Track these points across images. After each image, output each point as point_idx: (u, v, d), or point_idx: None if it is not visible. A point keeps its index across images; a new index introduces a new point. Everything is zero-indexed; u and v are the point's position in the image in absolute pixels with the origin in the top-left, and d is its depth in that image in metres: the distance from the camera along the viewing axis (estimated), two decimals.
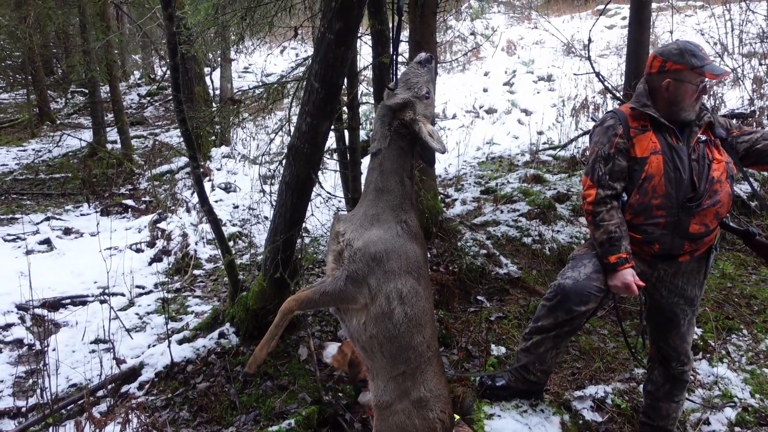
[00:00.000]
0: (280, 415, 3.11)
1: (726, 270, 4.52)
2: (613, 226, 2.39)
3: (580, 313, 2.50)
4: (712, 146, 2.41)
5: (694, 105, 2.38)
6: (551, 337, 2.58)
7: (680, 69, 2.35)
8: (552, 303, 2.57)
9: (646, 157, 2.39)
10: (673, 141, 2.39)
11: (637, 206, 2.42)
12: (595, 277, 2.47)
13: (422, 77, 2.01)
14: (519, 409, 2.73)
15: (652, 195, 2.38)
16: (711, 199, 2.35)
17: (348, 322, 2.07)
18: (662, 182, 2.36)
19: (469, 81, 11.17)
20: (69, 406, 3.38)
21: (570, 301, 2.48)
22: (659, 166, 2.37)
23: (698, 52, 2.35)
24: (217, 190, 7.45)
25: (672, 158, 2.36)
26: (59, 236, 6.40)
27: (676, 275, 2.53)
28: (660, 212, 2.38)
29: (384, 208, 2.01)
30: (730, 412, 3.03)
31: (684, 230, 2.39)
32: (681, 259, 2.48)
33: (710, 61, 2.35)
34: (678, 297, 2.55)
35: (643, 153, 2.40)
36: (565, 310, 2.51)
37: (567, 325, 2.54)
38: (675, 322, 2.58)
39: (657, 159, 2.38)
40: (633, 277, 2.37)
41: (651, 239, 2.43)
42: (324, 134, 2.55)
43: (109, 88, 9.87)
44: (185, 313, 4.63)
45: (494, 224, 4.87)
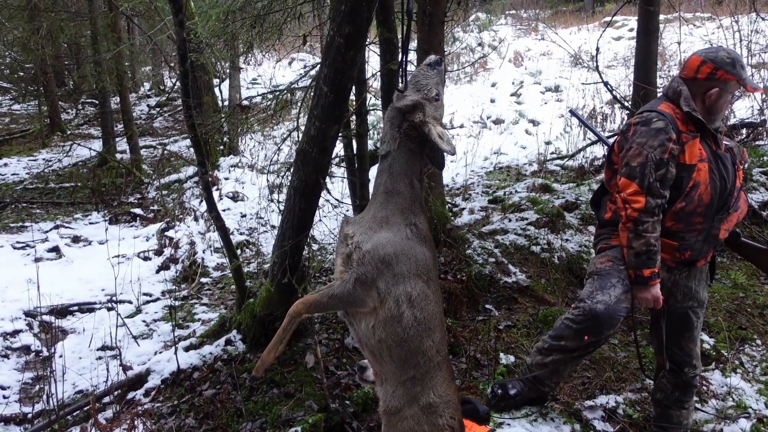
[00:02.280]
0: (286, 423, 3.08)
1: (738, 280, 4.47)
2: (654, 239, 2.30)
3: (605, 337, 2.53)
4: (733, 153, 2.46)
5: (720, 116, 2.43)
6: (574, 358, 2.57)
7: (730, 79, 2.30)
8: (580, 326, 2.47)
9: (694, 165, 2.32)
10: (714, 148, 2.39)
11: (683, 214, 2.36)
12: (624, 298, 2.41)
13: (432, 79, 2.01)
14: (529, 418, 2.69)
15: (698, 203, 2.33)
16: (735, 206, 2.41)
17: (356, 325, 2.05)
18: (708, 190, 2.33)
19: (477, 92, 11.19)
20: (75, 413, 3.37)
21: (602, 326, 2.41)
22: (706, 174, 2.32)
23: (742, 62, 2.37)
24: (225, 199, 7.48)
25: (717, 166, 2.36)
26: (68, 244, 6.44)
27: (689, 278, 2.53)
28: (699, 219, 2.37)
29: (393, 211, 1.99)
30: (744, 423, 2.97)
31: (714, 236, 2.42)
32: (699, 264, 2.50)
33: (748, 74, 2.43)
34: (691, 300, 2.55)
35: (692, 160, 2.32)
36: (594, 334, 2.45)
37: (593, 347, 2.54)
38: (689, 326, 2.57)
39: (704, 167, 2.33)
40: (659, 292, 2.40)
41: (686, 246, 2.41)
42: (332, 139, 2.55)
43: (119, 99, 9.97)
44: (192, 321, 4.62)
45: (502, 233, 4.84)
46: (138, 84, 15.88)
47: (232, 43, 3.83)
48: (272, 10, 3.50)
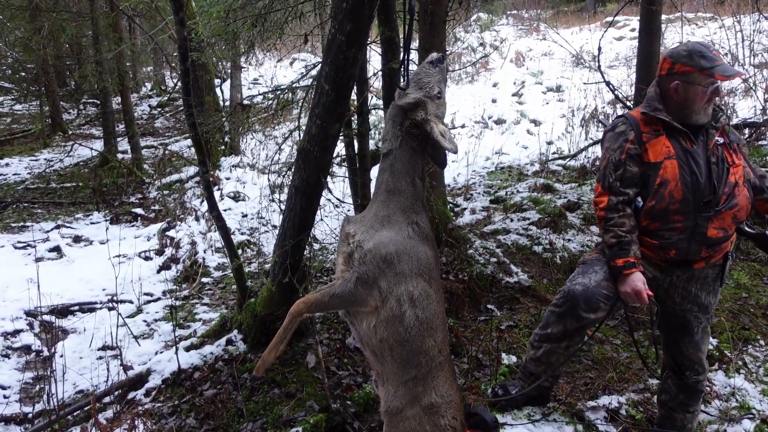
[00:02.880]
0: (287, 423, 3.06)
1: (741, 280, 4.44)
2: (623, 230, 2.35)
3: (589, 321, 2.47)
4: (730, 149, 2.37)
5: (706, 108, 2.34)
6: (563, 348, 2.55)
7: (689, 71, 2.30)
8: (561, 310, 2.53)
9: (660, 162, 2.35)
10: (687, 144, 2.34)
11: (654, 212, 2.37)
12: (605, 285, 2.43)
13: (434, 77, 1.99)
14: (531, 419, 2.67)
15: (669, 200, 2.33)
16: (729, 203, 2.31)
17: (358, 325, 2.04)
18: (679, 187, 2.31)
19: (478, 92, 11.17)
20: (75, 413, 3.36)
21: (580, 308, 2.45)
22: (674, 170, 2.32)
23: (708, 53, 2.30)
24: (226, 199, 7.47)
25: (688, 162, 2.32)
26: (69, 244, 6.43)
27: (690, 281, 2.47)
28: (677, 217, 2.34)
29: (395, 210, 1.98)
30: (748, 424, 2.95)
31: (702, 235, 2.34)
32: (696, 266, 2.42)
33: (721, 61, 2.29)
34: (691, 304, 2.49)
35: (657, 158, 2.35)
36: (575, 318, 2.48)
37: (577, 333, 2.51)
38: (688, 330, 2.52)
39: (672, 164, 2.33)
40: (643, 285, 2.32)
41: (667, 244, 2.38)
42: (334, 137, 2.54)
43: (120, 99, 9.98)
44: (193, 321, 4.61)
45: (504, 232, 4.82)
46: (139, 84, 15.89)
47: (234, 42, 3.81)
48: (273, 8, 3.48)
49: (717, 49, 2.39)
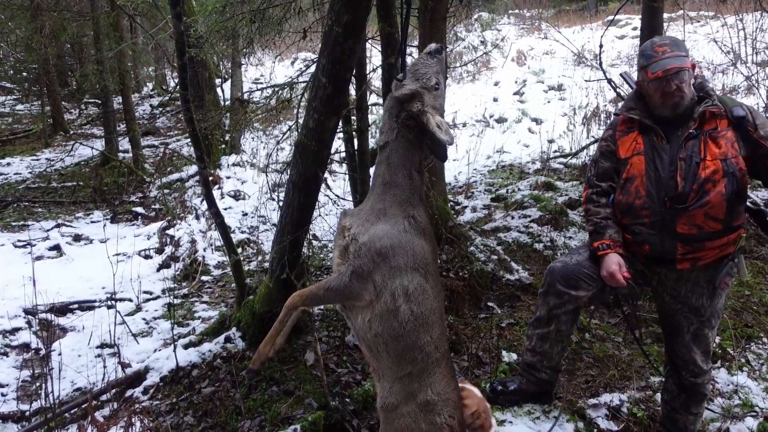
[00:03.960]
0: (285, 421, 3.04)
1: (744, 278, 4.40)
2: (599, 217, 2.46)
3: (571, 297, 2.49)
4: (709, 139, 2.26)
5: (665, 103, 2.32)
6: (553, 332, 2.53)
7: (640, 69, 2.39)
8: (543, 289, 2.60)
9: (628, 158, 2.42)
10: (658, 141, 2.35)
11: (622, 206, 2.42)
12: (587, 265, 2.48)
13: (431, 68, 1.96)
14: (531, 416, 2.64)
15: (635, 195, 2.36)
16: (699, 201, 2.23)
17: (353, 319, 2.02)
18: (644, 182, 2.33)
19: (480, 91, 11.14)
20: (72, 410, 3.34)
21: (558, 283, 2.51)
22: (641, 166, 2.36)
23: (648, 51, 2.33)
24: (226, 197, 7.46)
25: (653, 158, 2.33)
26: (69, 242, 6.42)
27: (679, 282, 2.42)
28: (644, 212, 2.35)
29: (391, 203, 1.95)
30: (751, 421, 2.92)
31: (671, 231, 2.30)
32: (680, 266, 2.36)
33: (658, 57, 2.27)
34: (681, 304, 2.44)
35: (626, 154, 2.44)
36: (555, 294, 2.52)
37: (563, 314, 2.50)
38: (678, 330, 2.48)
39: (639, 160, 2.38)
40: (619, 267, 2.32)
41: (640, 239, 2.38)
42: (331, 131, 2.51)
43: (121, 99, 9.98)
44: (192, 319, 4.59)
45: (505, 230, 4.79)
46: (141, 84, 15.90)
47: (232, 38, 3.79)
48: (272, 4, 3.46)
49: (666, 44, 2.30)
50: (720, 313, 2.49)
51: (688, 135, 2.29)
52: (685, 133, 2.30)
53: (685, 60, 2.27)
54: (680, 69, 2.25)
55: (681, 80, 2.27)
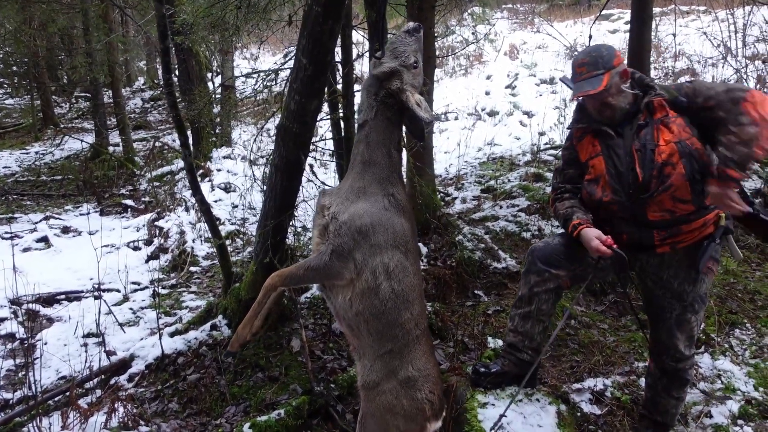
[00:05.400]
0: (270, 406, 3.04)
1: (729, 266, 4.43)
2: (565, 207, 2.52)
3: (551, 275, 2.51)
4: (661, 126, 2.28)
5: (600, 114, 2.37)
6: (535, 311, 2.55)
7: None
8: (525, 268, 2.63)
9: (588, 161, 2.46)
10: (610, 139, 2.38)
11: (593, 204, 2.45)
12: (568, 244, 2.50)
13: (410, 46, 1.96)
14: (514, 399, 2.64)
15: (602, 194, 2.39)
16: (662, 185, 2.25)
17: (333, 299, 2.02)
18: (607, 180, 2.37)
19: (472, 84, 11.14)
20: (57, 398, 3.32)
21: (539, 260, 2.54)
22: (601, 166, 2.40)
23: (573, 68, 2.38)
24: (216, 190, 7.43)
25: (610, 156, 2.37)
26: (57, 234, 6.39)
27: (661, 267, 2.43)
28: (614, 207, 2.37)
29: (370, 181, 1.95)
30: (733, 404, 2.94)
31: (644, 220, 2.33)
32: (659, 251, 2.38)
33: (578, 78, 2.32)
34: (663, 290, 2.44)
35: (586, 157, 2.48)
36: (536, 272, 2.55)
37: (544, 293, 2.52)
38: (660, 315, 2.49)
39: (598, 161, 2.41)
40: (596, 237, 2.33)
41: (617, 230, 2.40)
42: (313, 113, 2.50)
43: (111, 92, 9.92)
44: (180, 308, 4.58)
45: (493, 219, 4.80)
46: (132, 78, 15.81)
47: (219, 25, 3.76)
48: None
49: (587, 62, 2.32)
50: (705, 299, 2.47)
51: (639, 125, 2.33)
52: (636, 125, 2.34)
53: (601, 80, 2.26)
54: (590, 95, 2.29)
55: (603, 98, 2.31)
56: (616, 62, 2.31)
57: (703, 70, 9.44)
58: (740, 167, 2.08)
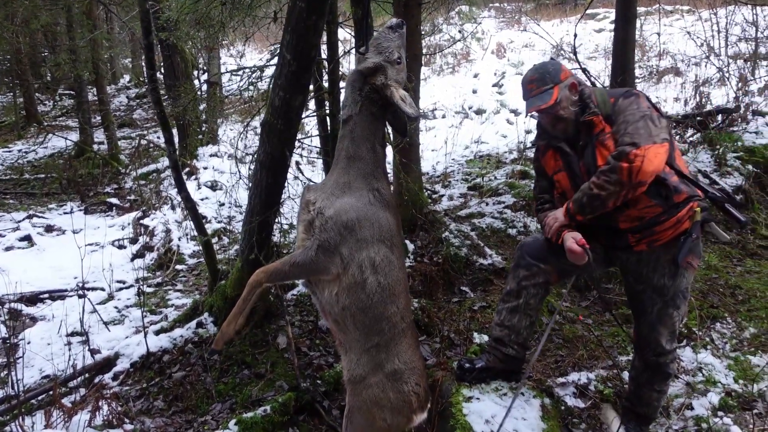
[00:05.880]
0: (256, 403, 3.03)
1: (711, 262, 4.50)
2: (539, 219, 2.61)
3: (539, 270, 2.54)
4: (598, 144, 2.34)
5: (554, 128, 2.43)
6: (522, 305, 2.57)
7: None
8: (514, 262, 2.66)
9: (553, 176, 2.53)
10: (568, 156, 2.44)
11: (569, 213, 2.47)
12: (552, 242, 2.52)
13: (393, 42, 1.97)
14: (498, 392, 2.66)
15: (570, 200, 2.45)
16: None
17: (320, 294, 2.02)
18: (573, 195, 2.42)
19: (459, 82, 11.17)
20: (39, 396, 3.28)
21: (528, 256, 2.57)
22: (566, 181, 2.47)
23: (523, 85, 2.43)
24: (203, 188, 7.38)
25: (572, 171, 2.44)
26: (40, 233, 6.31)
27: (640, 264, 2.46)
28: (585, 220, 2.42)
29: (355, 176, 1.96)
30: (713, 396, 2.99)
31: (616, 227, 2.40)
32: (637, 249, 2.42)
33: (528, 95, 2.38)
34: (644, 285, 2.48)
35: (551, 172, 2.54)
36: (525, 266, 2.58)
37: (532, 287, 2.54)
38: (641, 310, 2.52)
39: (562, 176, 2.48)
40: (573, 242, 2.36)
41: (594, 236, 2.45)
42: (298, 109, 2.50)
43: (96, 89, 9.80)
44: (165, 306, 4.55)
45: (479, 216, 4.83)
46: (118, 75, 15.64)
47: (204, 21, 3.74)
48: None
49: (535, 79, 2.39)
50: (686, 294, 2.50)
51: (582, 145, 2.40)
52: (581, 143, 2.41)
53: (551, 95, 2.31)
54: (541, 109, 2.35)
55: (555, 111, 2.37)
56: (563, 76, 2.39)
57: (687, 69, 9.56)
58: (578, 209, 2.33)
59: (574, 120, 2.39)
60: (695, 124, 6.09)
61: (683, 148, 5.76)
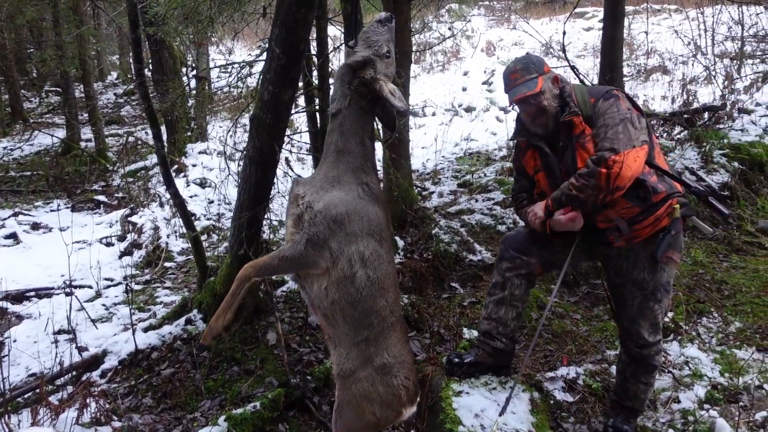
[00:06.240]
0: (245, 400, 3.02)
1: (698, 258, 4.55)
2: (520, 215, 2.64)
3: (523, 261, 2.57)
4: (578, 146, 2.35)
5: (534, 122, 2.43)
6: (508, 297, 2.60)
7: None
8: (498, 256, 2.69)
9: (533, 175, 2.55)
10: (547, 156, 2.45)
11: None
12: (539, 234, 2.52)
13: (382, 36, 1.97)
14: (488, 387, 2.68)
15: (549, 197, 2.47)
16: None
17: (309, 288, 2.01)
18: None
19: (449, 80, 11.20)
20: (26, 395, 3.25)
21: (511, 248, 2.60)
22: (545, 182, 2.49)
23: (505, 78, 2.44)
24: (192, 185, 7.34)
25: (551, 171, 2.46)
26: (26, 231, 6.24)
27: (620, 258, 2.49)
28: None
29: (345, 170, 1.96)
30: (699, 389, 3.02)
31: (595, 227, 2.42)
32: (616, 245, 2.45)
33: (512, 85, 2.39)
34: (624, 279, 2.51)
35: (531, 171, 2.56)
36: (508, 258, 2.61)
37: (516, 278, 2.56)
38: (622, 303, 2.56)
39: (542, 176, 2.50)
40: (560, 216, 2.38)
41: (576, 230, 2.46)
42: (287, 104, 2.49)
43: (83, 86, 9.69)
44: (154, 304, 4.52)
45: (469, 212, 4.85)
46: (105, 72, 15.49)
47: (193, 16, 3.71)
48: None
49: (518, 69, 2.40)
50: (667, 287, 2.52)
51: (561, 147, 2.40)
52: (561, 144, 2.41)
53: (536, 83, 2.32)
54: (527, 96, 2.34)
55: (538, 102, 2.37)
56: (546, 69, 2.41)
57: (674, 67, 9.64)
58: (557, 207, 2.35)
59: (554, 116, 2.39)
60: (682, 121, 6.15)
61: (671, 146, 5.81)
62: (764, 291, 4.02)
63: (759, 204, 5.34)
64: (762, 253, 4.66)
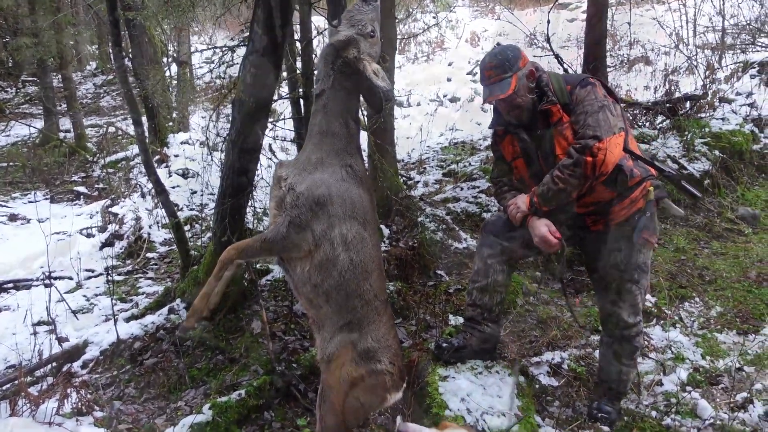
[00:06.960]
0: (230, 388, 2.99)
1: (680, 244, 4.61)
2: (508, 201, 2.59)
3: (503, 248, 2.58)
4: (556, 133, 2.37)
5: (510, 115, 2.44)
6: (491, 284, 2.61)
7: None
8: (478, 242, 2.71)
9: (512, 162, 2.56)
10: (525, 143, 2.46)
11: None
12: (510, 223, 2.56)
13: (366, 15, 1.94)
14: (474, 371, 2.68)
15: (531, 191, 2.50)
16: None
17: (292, 271, 1.99)
18: (531, 182, 2.47)
19: (434, 71, 11.18)
20: (4, 386, 3.18)
21: (490, 232, 2.63)
22: (524, 168, 2.51)
23: (481, 72, 2.45)
24: (174, 176, 7.23)
25: (529, 158, 2.47)
26: (3, 222, 6.12)
27: (597, 240, 2.52)
28: None
29: (328, 152, 1.93)
30: (682, 372, 3.06)
31: (572, 212, 2.45)
32: (594, 228, 2.49)
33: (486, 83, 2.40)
34: (602, 261, 2.53)
35: (510, 158, 2.58)
36: (488, 245, 2.62)
37: (497, 263, 2.57)
38: (603, 286, 2.59)
39: (520, 163, 2.52)
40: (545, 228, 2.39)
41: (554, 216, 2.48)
42: (270, 87, 2.44)
43: (61, 76, 9.48)
44: (136, 294, 4.45)
45: (454, 201, 4.84)
46: (84, 62, 15.18)
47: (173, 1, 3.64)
48: None
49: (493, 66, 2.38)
50: (644, 268, 2.54)
51: (539, 134, 2.42)
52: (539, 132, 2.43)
53: (509, 84, 2.32)
54: (499, 99, 2.35)
55: (512, 100, 2.38)
56: (522, 63, 2.39)
57: (657, 57, 9.73)
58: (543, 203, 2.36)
59: (531, 107, 2.41)
60: (665, 110, 6.20)
61: (653, 134, 5.86)
62: (744, 276, 4.08)
63: (739, 191, 5.42)
64: (742, 239, 4.73)
